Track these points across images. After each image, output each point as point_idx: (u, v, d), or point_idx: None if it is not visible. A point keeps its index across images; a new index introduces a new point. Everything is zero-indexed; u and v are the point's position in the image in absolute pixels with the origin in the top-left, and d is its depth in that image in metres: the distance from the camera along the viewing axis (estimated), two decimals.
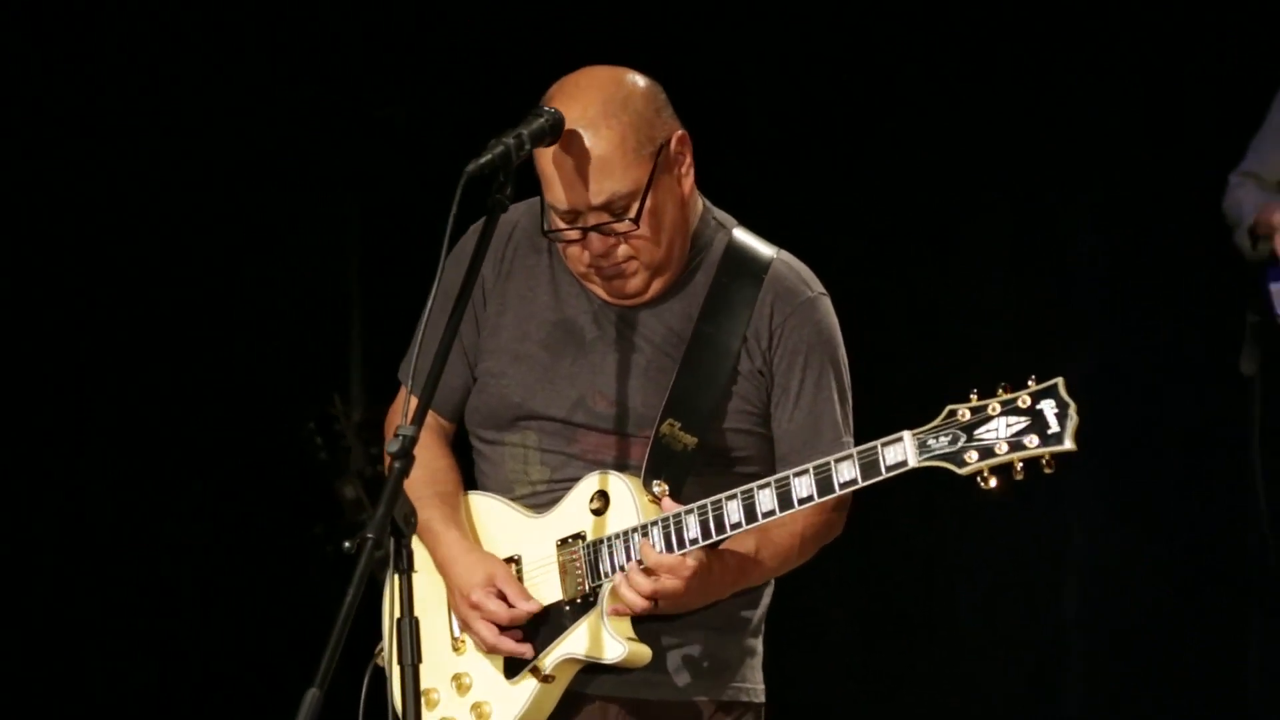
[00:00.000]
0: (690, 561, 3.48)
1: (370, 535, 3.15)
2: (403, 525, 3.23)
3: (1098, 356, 6.56)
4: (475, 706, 3.69)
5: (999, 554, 6.90)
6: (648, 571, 3.49)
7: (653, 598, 3.49)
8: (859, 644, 6.83)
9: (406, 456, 3.24)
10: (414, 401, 3.36)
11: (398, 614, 3.26)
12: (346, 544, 3.18)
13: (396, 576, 3.26)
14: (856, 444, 3.51)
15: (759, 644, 3.78)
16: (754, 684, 3.76)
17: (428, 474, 3.67)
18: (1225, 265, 5.79)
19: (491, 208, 3.46)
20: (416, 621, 3.27)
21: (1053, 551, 6.94)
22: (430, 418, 3.67)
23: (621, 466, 3.64)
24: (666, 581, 3.48)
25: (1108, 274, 6.82)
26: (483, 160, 3.39)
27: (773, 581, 3.76)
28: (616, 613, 3.54)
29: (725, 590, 3.63)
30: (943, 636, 6.98)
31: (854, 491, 3.54)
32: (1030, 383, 3.34)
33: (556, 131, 3.50)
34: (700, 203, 3.71)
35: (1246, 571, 6.37)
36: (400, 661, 3.26)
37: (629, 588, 3.49)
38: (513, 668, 3.66)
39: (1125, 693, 6.84)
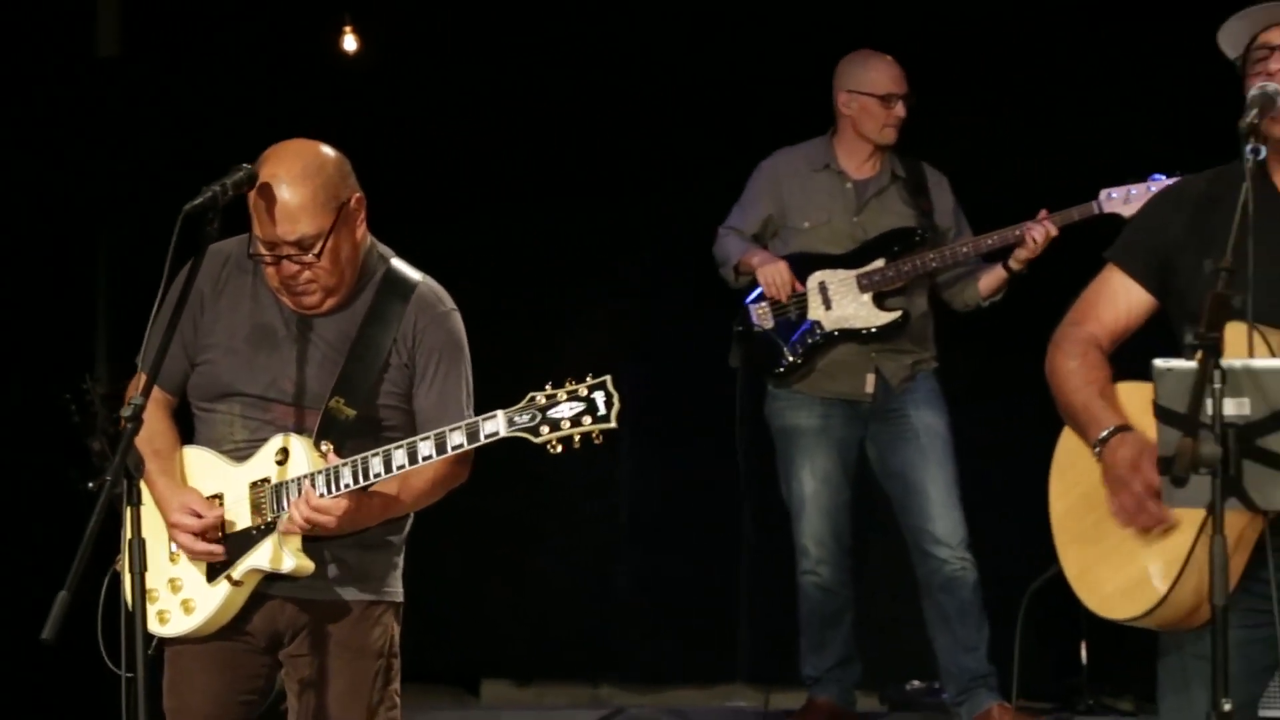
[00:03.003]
0: (341, 503, 3.48)
1: (109, 478, 3.15)
2: (133, 470, 3.22)
3: (643, 357, 6.55)
4: (184, 602, 3.64)
5: (573, 496, 6.89)
6: (311, 506, 3.50)
7: (309, 524, 3.49)
8: (473, 552, 6.75)
9: (136, 420, 3.22)
10: (142, 379, 3.37)
11: (129, 535, 3.23)
12: (90, 484, 3.29)
13: (128, 508, 3.23)
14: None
15: (400, 559, 3.76)
16: (395, 588, 3.74)
17: (148, 434, 3.56)
18: (721, 291, 5.81)
19: (202, 239, 3.42)
20: (143, 541, 3.25)
21: (608, 488, 6.97)
22: (158, 393, 3.63)
23: (300, 431, 3.60)
24: (321, 516, 3.48)
25: (653, 278, 6.80)
26: (197, 202, 3.35)
27: (412, 514, 3.75)
28: (288, 531, 3.54)
29: (373, 521, 3.62)
30: (537, 543, 6.97)
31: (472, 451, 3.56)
32: (588, 378, 3.38)
33: (251, 183, 3.47)
34: (369, 240, 3.69)
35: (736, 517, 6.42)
36: (130, 570, 3.24)
37: (296, 512, 3.50)
38: (212, 574, 3.62)
39: (661, 579, 6.88)
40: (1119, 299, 3.38)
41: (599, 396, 3.35)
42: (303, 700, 3.64)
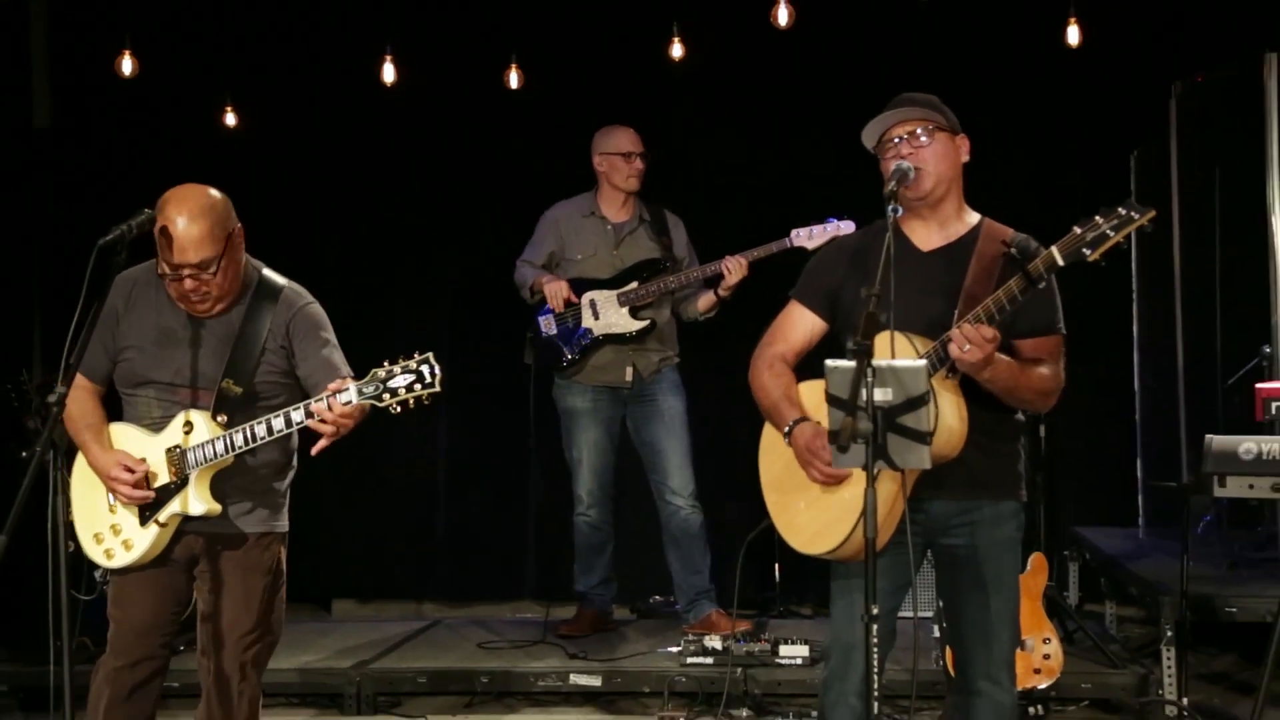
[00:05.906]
0: (353, 409, 3.40)
1: (39, 449, 3.06)
2: (59, 443, 3.15)
3: (457, 355, 6.50)
4: (124, 542, 3.57)
5: (404, 457, 6.82)
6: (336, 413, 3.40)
7: (335, 425, 3.40)
8: (328, 501, 6.62)
9: (61, 404, 3.14)
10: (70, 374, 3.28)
11: (56, 492, 3.16)
12: (24, 453, 3.13)
13: (55, 472, 3.16)
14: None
15: (285, 500, 3.72)
16: (282, 523, 3.70)
17: (81, 413, 3.57)
18: (519, 306, 5.75)
19: (111, 267, 3.32)
20: (68, 497, 3.22)
21: (431, 450, 6.90)
22: (88, 384, 3.62)
23: (200, 407, 3.56)
24: (346, 421, 3.40)
25: (466, 296, 6.79)
26: (109, 238, 3.25)
27: (295, 466, 3.72)
28: (318, 429, 3.44)
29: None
30: (376, 493, 6.88)
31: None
32: (416, 354, 3.37)
33: (152, 224, 3.40)
34: (246, 258, 3.64)
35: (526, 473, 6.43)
36: (54, 518, 3.16)
37: (325, 412, 3.40)
38: (143, 518, 3.56)
39: (470, 520, 6.82)
40: (801, 325, 3.49)
41: (426, 368, 3.33)
42: (210, 605, 3.62)
